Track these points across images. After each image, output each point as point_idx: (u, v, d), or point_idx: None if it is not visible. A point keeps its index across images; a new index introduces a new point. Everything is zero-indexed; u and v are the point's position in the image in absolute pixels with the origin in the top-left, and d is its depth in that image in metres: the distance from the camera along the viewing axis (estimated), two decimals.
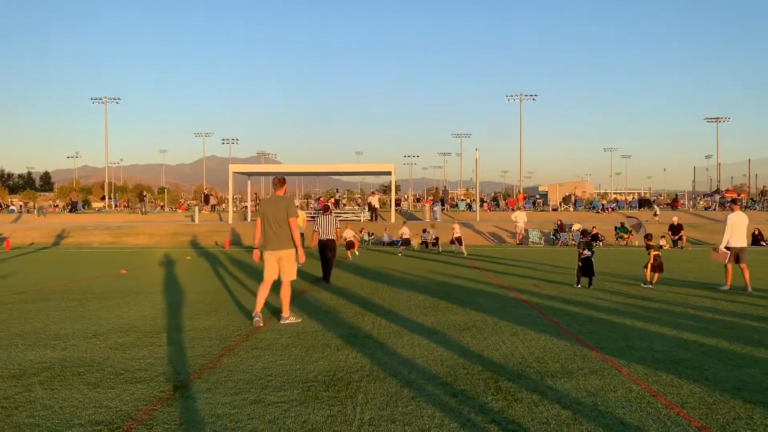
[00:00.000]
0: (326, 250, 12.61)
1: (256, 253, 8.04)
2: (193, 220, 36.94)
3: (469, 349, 6.37)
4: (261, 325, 7.62)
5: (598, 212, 39.70)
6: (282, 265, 7.80)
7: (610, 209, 40.25)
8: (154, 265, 17.39)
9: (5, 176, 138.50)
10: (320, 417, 4.26)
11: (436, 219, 33.78)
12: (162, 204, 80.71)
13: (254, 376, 5.33)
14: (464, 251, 20.98)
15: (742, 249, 11.00)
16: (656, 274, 11.48)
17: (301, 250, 7.83)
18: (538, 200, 47.49)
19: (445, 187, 58.41)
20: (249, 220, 36.80)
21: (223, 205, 55.65)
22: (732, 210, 11.37)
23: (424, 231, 25.49)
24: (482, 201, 46.21)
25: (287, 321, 7.86)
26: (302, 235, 12.97)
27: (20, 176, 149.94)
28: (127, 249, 25.53)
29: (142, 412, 4.37)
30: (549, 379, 5.21)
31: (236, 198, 52.00)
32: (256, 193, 59.16)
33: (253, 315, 7.77)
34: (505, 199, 52.17)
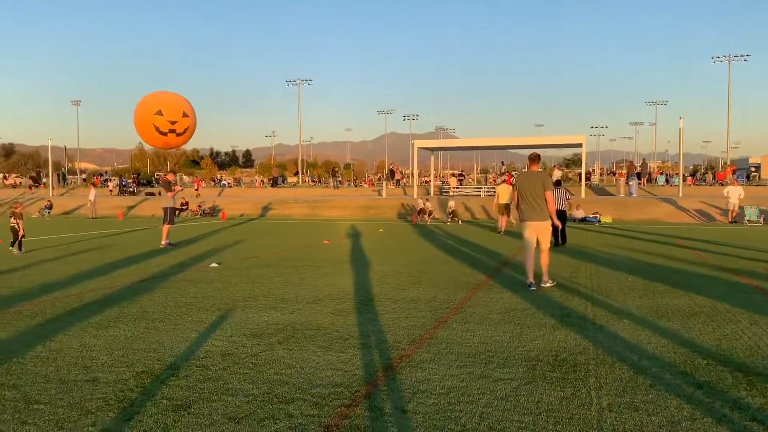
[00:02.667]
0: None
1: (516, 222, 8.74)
2: (380, 194, 38.40)
3: (702, 337, 5.77)
4: (534, 288, 8.36)
5: None
6: (539, 235, 8.49)
7: None
8: (350, 236, 18.34)
9: (214, 154, 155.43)
10: (554, 398, 4.11)
11: (631, 194, 31.53)
12: (348, 180, 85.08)
13: (474, 350, 5.31)
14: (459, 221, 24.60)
15: None
16: None
17: (555, 218, 8.63)
18: (753, 173, 42.21)
19: (644, 159, 53.95)
20: (433, 194, 37.34)
21: (404, 180, 57.21)
22: None
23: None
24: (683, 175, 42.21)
25: (546, 285, 8.50)
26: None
27: (226, 154, 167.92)
28: (323, 221, 27.29)
29: (375, 377, 4.55)
30: None
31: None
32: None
33: (528, 281, 8.53)
34: (707, 172, 47.18)
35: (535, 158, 8.75)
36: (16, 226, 13.37)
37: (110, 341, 5.63)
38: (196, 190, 21.74)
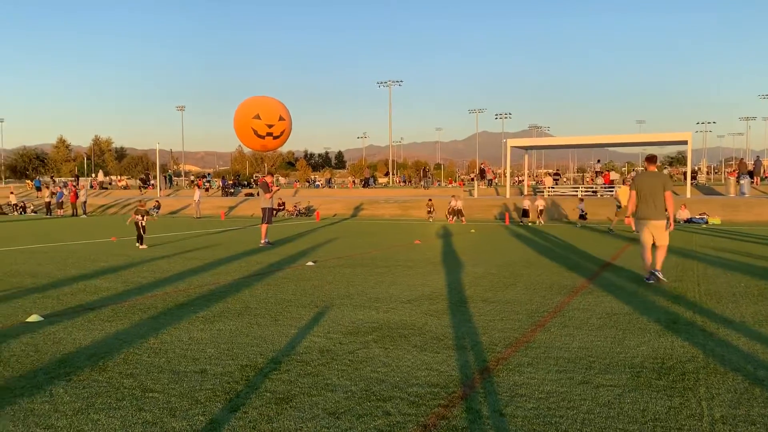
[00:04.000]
0: None
1: (629, 220, 9.35)
2: (471, 194, 38.04)
3: None
4: (658, 281, 8.77)
5: None
6: (655, 233, 8.79)
7: None
8: (442, 236, 18.30)
9: (308, 156, 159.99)
10: (660, 407, 3.91)
11: (743, 194, 29.50)
12: (438, 180, 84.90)
13: (574, 355, 5.16)
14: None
15: None
16: None
17: (672, 220, 8.84)
18: None
19: (757, 156, 50.23)
20: (524, 194, 36.55)
21: (495, 180, 56.37)
22: None
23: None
24: None
25: (662, 280, 8.81)
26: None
27: (320, 155, 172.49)
28: (414, 221, 27.39)
29: (471, 379, 4.52)
30: None
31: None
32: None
33: (650, 271, 8.90)
34: None
35: (652, 159, 9.11)
36: (137, 223, 14.57)
37: (216, 335, 5.93)
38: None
